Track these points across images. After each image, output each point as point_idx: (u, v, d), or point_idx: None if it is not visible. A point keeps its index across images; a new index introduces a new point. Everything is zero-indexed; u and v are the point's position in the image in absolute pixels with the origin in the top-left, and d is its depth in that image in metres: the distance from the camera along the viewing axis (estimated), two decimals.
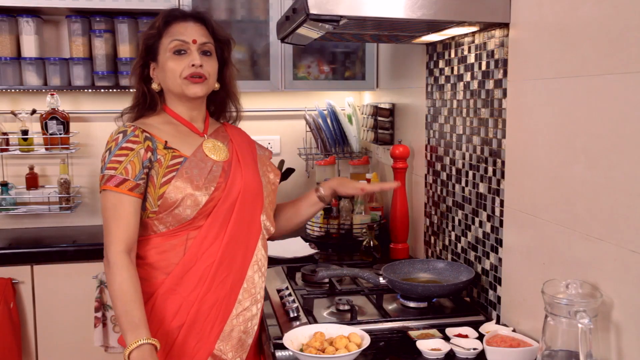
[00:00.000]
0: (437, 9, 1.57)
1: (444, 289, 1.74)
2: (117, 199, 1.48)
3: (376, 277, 1.83)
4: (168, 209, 1.52)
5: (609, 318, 1.23)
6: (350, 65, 2.95)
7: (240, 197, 1.60)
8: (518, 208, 1.59)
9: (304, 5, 1.51)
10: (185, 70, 1.57)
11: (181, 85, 1.58)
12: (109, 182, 1.48)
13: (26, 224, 2.96)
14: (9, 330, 2.47)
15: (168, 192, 1.51)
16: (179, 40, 1.57)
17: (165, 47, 1.58)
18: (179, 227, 1.54)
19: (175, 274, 1.53)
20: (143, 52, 1.62)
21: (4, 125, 2.83)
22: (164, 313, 1.52)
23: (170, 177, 1.52)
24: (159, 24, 1.59)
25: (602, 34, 1.24)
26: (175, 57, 1.57)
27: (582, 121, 1.31)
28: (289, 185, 3.13)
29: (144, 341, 1.38)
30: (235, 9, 2.80)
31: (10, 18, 2.71)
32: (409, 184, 2.40)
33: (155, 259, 1.55)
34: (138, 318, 1.41)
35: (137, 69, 1.63)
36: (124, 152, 1.50)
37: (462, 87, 1.91)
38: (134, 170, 1.49)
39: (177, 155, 1.55)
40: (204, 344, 1.53)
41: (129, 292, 1.43)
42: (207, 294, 1.54)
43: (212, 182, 1.55)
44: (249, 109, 3.07)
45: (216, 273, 1.55)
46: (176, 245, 1.54)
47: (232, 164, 1.63)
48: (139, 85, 1.64)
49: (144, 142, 1.53)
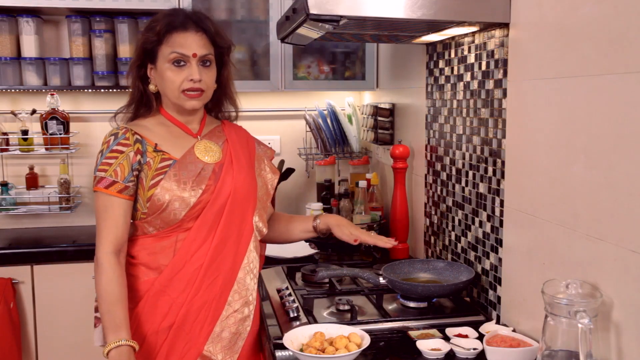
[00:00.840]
0: (437, 9, 1.57)
1: (444, 289, 1.74)
2: (107, 201, 1.52)
3: (376, 277, 1.83)
4: (157, 211, 1.53)
5: (609, 318, 1.23)
6: (350, 65, 2.95)
7: (231, 200, 1.60)
8: (518, 208, 1.59)
9: (304, 5, 1.51)
10: (184, 83, 1.56)
11: (179, 97, 1.58)
12: (100, 184, 1.52)
13: (26, 224, 2.96)
14: (9, 330, 2.47)
15: (156, 194, 1.52)
16: (178, 53, 1.55)
17: (164, 55, 1.57)
18: (168, 229, 1.56)
19: (165, 275, 1.55)
20: (141, 54, 1.61)
21: (4, 125, 2.83)
22: (153, 314, 1.54)
23: (158, 179, 1.53)
24: (160, 29, 1.57)
25: (602, 34, 1.24)
26: (174, 68, 1.56)
27: (582, 121, 1.31)
28: (289, 185, 3.13)
29: (124, 342, 1.42)
30: (235, 9, 2.80)
31: (10, 18, 2.71)
32: (409, 184, 2.40)
33: (146, 259, 1.57)
34: (120, 319, 1.45)
35: (134, 68, 1.62)
36: (114, 155, 1.53)
37: (462, 87, 1.91)
38: (123, 173, 1.52)
39: (167, 157, 1.56)
40: (193, 344, 1.54)
41: (113, 293, 1.47)
42: (196, 295, 1.55)
43: (200, 184, 1.56)
44: (249, 109, 3.08)
45: (205, 275, 1.56)
46: (166, 247, 1.56)
47: (223, 166, 1.62)
48: (136, 85, 1.64)
49: (134, 144, 1.54)
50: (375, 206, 2.58)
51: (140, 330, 1.54)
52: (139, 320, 1.54)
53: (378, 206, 2.59)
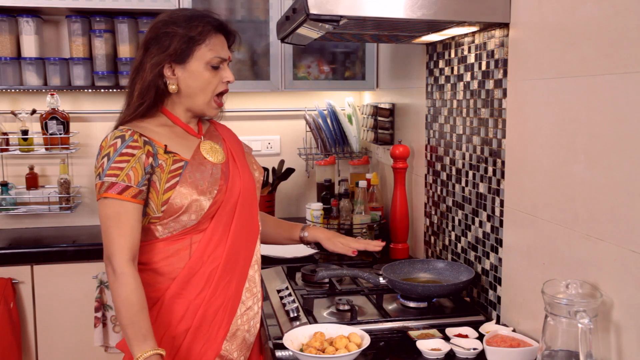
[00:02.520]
0: (437, 9, 1.57)
1: (444, 289, 1.74)
2: (120, 207, 1.43)
3: (376, 277, 1.83)
4: (173, 215, 1.49)
5: (609, 318, 1.23)
6: (350, 65, 2.95)
7: (241, 198, 1.60)
8: (518, 208, 1.59)
9: (304, 5, 1.51)
10: (219, 85, 1.57)
11: (209, 102, 1.57)
12: (111, 190, 1.43)
13: (26, 224, 2.96)
14: (9, 330, 2.47)
15: (173, 198, 1.48)
16: (220, 58, 1.55)
17: (202, 57, 1.53)
18: (182, 232, 1.52)
19: (181, 278, 1.51)
20: (171, 51, 1.51)
21: (4, 125, 2.83)
22: (170, 317, 1.51)
23: (174, 182, 1.49)
24: (202, 30, 1.52)
25: (602, 34, 1.24)
26: (211, 70, 1.54)
27: (582, 121, 1.31)
28: (289, 185, 3.13)
29: (152, 352, 1.37)
30: (235, 9, 2.80)
31: (10, 18, 2.71)
32: (409, 184, 2.40)
33: (159, 264, 1.52)
34: (145, 329, 1.40)
35: (157, 65, 1.52)
36: (125, 158, 1.45)
37: (462, 87, 1.91)
38: (137, 177, 1.44)
39: (178, 159, 1.52)
40: (211, 345, 1.53)
41: (137, 304, 1.40)
42: (213, 296, 1.53)
43: (214, 185, 1.54)
44: (249, 109, 3.08)
45: (222, 275, 1.55)
46: (180, 250, 1.53)
47: (229, 166, 1.61)
48: (155, 83, 1.53)
49: (144, 146, 1.48)
50: (375, 206, 2.58)
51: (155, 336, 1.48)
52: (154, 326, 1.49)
53: (378, 206, 2.59)
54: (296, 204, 3.20)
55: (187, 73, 1.54)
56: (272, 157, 3.07)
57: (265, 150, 3.12)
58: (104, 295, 2.58)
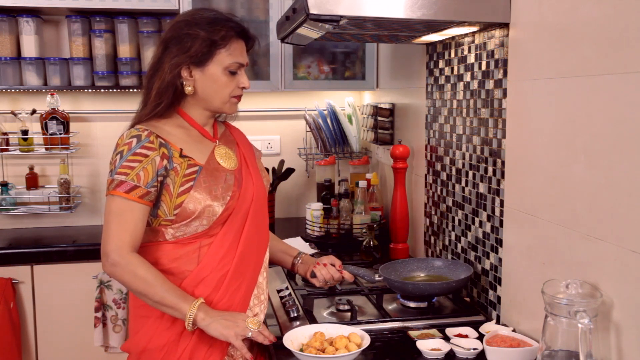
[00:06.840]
0: (437, 9, 1.57)
1: (444, 286, 1.73)
2: (126, 205, 1.44)
3: (371, 274, 1.82)
4: (186, 219, 1.48)
5: (609, 318, 1.23)
6: (350, 65, 2.95)
7: (253, 205, 1.58)
8: (518, 208, 1.59)
9: (304, 5, 1.51)
10: (235, 90, 1.57)
11: (227, 103, 1.57)
12: (119, 188, 1.43)
13: (26, 224, 2.96)
14: (9, 330, 2.47)
15: (187, 203, 1.47)
16: (238, 63, 1.55)
17: (222, 61, 1.52)
18: (192, 236, 1.51)
19: (189, 282, 1.51)
20: (192, 53, 1.50)
21: (4, 125, 2.83)
22: (175, 320, 1.49)
23: (188, 186, 1.48)
24: (224, 34, 1.52)
25: (602, 34, 1.24)
26: (229, 74, 1.54)
27: (582, 121, 1.31)
28: (289, 185, 3.13)
29: (198, 302, 1.42)
30: (235, 9, 2.80)
31: (10, 18, 2.71)
32: (409, 184, 2.40)
33: (168, 266, 1.52)
34: (177, 290, 1.44)
35: (176, 66, 1.51)
36: (138, 158, 1.44)
37: (462, 87, 1.91)
38: (147, 178, 1.44)
39: (192, 163, 1.51)
40: (217, 348, 1.52)
41: (159, 275, 1.43)
42: (220, 302, 1.52)
43: (227, 191, 1.53)
44: (249, 109, 3.08)
45: (230, 281, 1.53)
46: (189, 253, 1.52)
47: (242, 172, 1.60)
48: (173, 84, 1.51)
49: (159, 148, 1.47)
50: (375, 206, 2.58)
51: (160, 338, 1.49)
52: (159, 327, 1.50)
53: (378, 206, 2.59)
54: (296, 204, 3.20)
55: (204, 76, 1.53)
56: (272, 157, 3.07)
57: (265, 151, 3.12)
58: (104, 295, 2.58)
